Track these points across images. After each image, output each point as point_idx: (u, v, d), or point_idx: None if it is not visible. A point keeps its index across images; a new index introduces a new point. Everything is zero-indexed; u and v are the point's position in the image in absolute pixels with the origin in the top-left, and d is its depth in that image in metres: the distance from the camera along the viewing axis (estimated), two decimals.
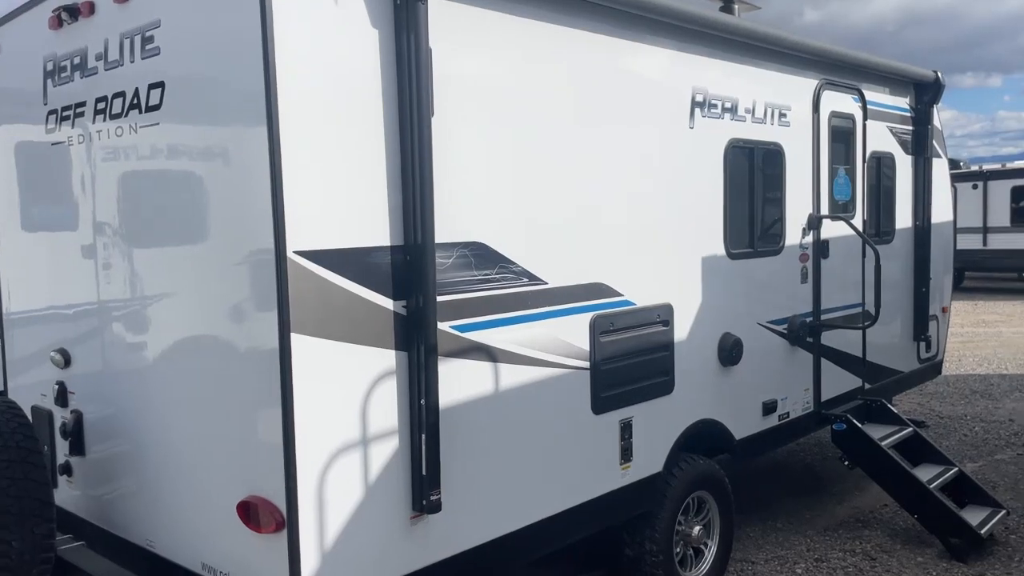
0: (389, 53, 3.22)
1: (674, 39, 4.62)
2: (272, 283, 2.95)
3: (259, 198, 2.94)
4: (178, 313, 3.49)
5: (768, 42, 5.21)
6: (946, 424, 8.77)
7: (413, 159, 3.23)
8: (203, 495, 3.43)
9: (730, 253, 5.04)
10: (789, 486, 6.87)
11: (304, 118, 2.98)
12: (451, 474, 3.45)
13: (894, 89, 6.74)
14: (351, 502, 3.18)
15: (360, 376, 3.19)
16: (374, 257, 3.21)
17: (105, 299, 3.83)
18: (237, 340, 3.22)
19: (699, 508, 4.91)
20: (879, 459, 5.67)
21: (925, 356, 7.29)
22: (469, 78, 3.56)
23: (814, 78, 5.71)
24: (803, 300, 5.69)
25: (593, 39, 4.14)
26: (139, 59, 3.40)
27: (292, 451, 2.97)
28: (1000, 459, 7.53)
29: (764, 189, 5.31)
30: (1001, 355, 12.67)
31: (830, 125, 5.83)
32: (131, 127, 3.49)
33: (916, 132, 6.98)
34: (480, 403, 3.64)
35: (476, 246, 3.61)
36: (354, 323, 3.15)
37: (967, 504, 5.82)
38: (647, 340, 4.48)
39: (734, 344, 5.03)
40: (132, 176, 3.63)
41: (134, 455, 3.76)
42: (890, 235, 6.71)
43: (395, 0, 3.22)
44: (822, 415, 5.87)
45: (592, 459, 4.22)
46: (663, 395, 4.59)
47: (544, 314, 3.93)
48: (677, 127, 4.67)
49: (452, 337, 3.50)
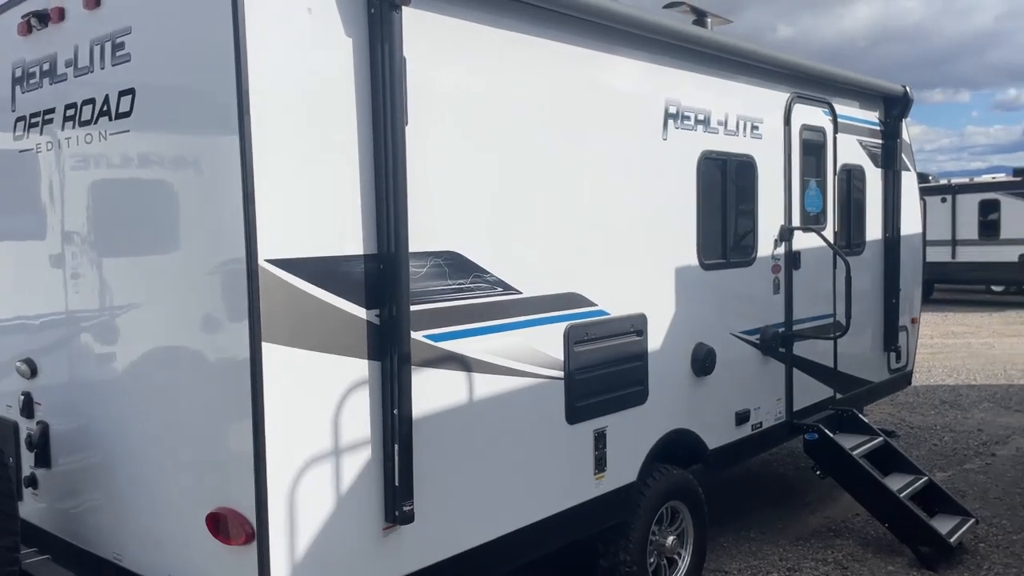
0: (363, 62, 3.21)
1: (648, 52, 4.66)
2: (243, 292, 2.92)
3: (230, 206, 2.92)
4: (148, 323, 3.44)
5: (740, 55, 5.27)
6: (916, 434, 8.88)
7: (387, 168, 3.23)
8: (172, 507, 3.38)
9: (703, 264, 5.07)
10: (763, 496, 6.91)
11: (276, 126, 2.97)
12: (424, 485, 3.43)
13: (864, 103, 6.84)
14: (322, 513, 3.14)
15: (332, 386, 3.17)
16: (347, 266, 3.19)
17: (73, 309, 3.78)
18: (208, 350, 3.19)
19: (673, 518, 4.92)
20: (850, 469, 5.72)
21: (895, 366, 7.38)
22: (444, 88, 3.57)
23: (785, 91, 5.79)
24: (775, 311, 5.75)
25: (568, 51, 4.16)
26: (109, 66, 3.37)
27: (262, 462, 2.93)
28: (969, 468, 7.63)
29: (737, 201, 5.36)
30: (970, 366, 12.86)
31: (801, 138, 5.91)
32: (100, 134, 3.45)
33: (885, 145, 7.08)
34: (454, 413, 3.63)
35: (450, 255, 3.60)
36: (326, 332, 3.13)
37: (937, 513, 5.89)
38: (621, 350, 4.50)
39: (707, 354, 5.06)
40: (101, 184, 3.58)
41: (102, 467, 3.69)
42: (860, 247, 6.80)
43: (369, 9, 3.22)
44: (794, 425, 5.92)
45: (566, 469, 4.21)
46: (637, 405, 4.60)
47: (518, 324, 3.93)
48: (650, 139, 4.70)
49: (426, 347, 3.49)
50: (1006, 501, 6.69)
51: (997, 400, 10.47)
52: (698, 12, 5.60)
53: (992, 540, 5.89)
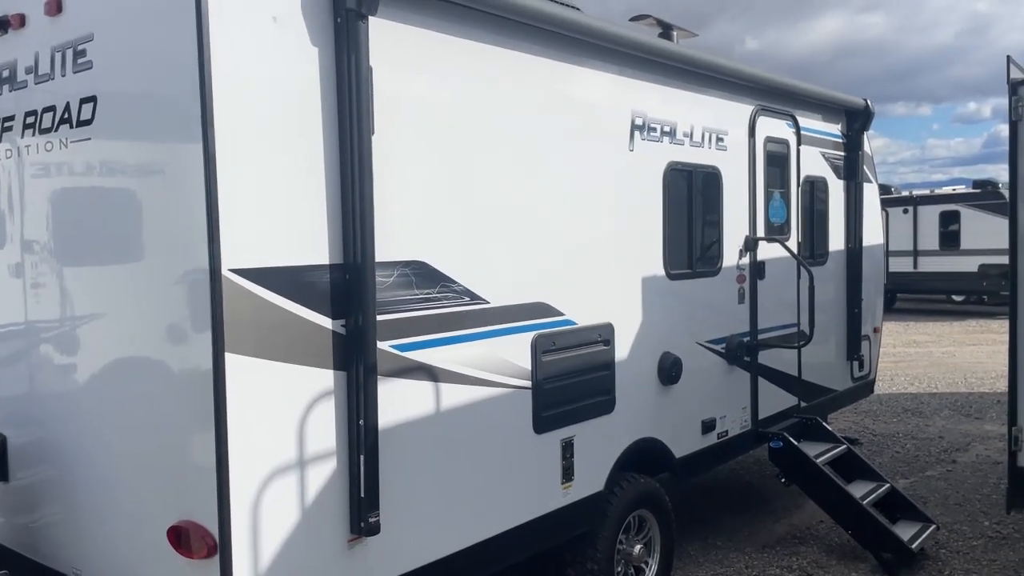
0: (329, 71, 3.21)
1: (615, 64, 4.70)
2: (206, 302, 2.89)
3: (194, 215, 2.89)
4: (110, 333, 3.39)
5: (706, 68, 5.34)
6: (879, 441, 9.01)
7: (353, 177, 3.22)
8: (133, 521, 3.33)
9: (669, 274, 5.12)
10: (729, 504, 6.96)
11: (241, 135, 2.95)
12: (390, 495, 3.41)
13: (826, 116, 6.96)
14: (287, 525, 3.12)
15: (297, 397, 3.15)
16: (312, 276, 3.18)
17: (33, 319, 3.71)
18: (170, 360, 3.15)
19: (640, 527, 4.94)
20: (814, 476, 5.79)
21: (858, 375, 7.50)
22: (411, 97, 3.57)
23: (750, 104, 5.87)
24: (740, 320, 5.81)
25: (536, 62, 4.19)
26: (71, 73, 3.33)
27: (225, 474, 2.90)
28: (931, 475, 7.76)
29: (702, 211, 5.43)
30: (931, 374, 13.09)
31: (765, 150, 6.00)
32: (61, 142, 3.40)
33: (847, 158, 7.21)
34: (421, 423, 3.62)
35: (417, 265, 3.60)
36: (291, 343, 3.11)
37: (899, 519, 5.98)
38: (588, 359, 4.52)
39: (674, 363, 5.11)
40: (62, 193, 3.53)
41: (61, 481, 3.62)
42: (824, 257, 6.90)
43: (336, 19, 3.22)
44: (760, 433, 5.98)
45: (534, 479, 4.22)
46: (604, 414, 4.62)
47: (486, 333, 3.94)
48: (617, 150, 4.75)
49: (392, 356, 3.48)
50: (966, 507, 6.82)
51: (958, 408, 10.66)
52: (664, 25, 5.67)
53: (952, 546, 5.99)
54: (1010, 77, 4.82)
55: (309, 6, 3.15)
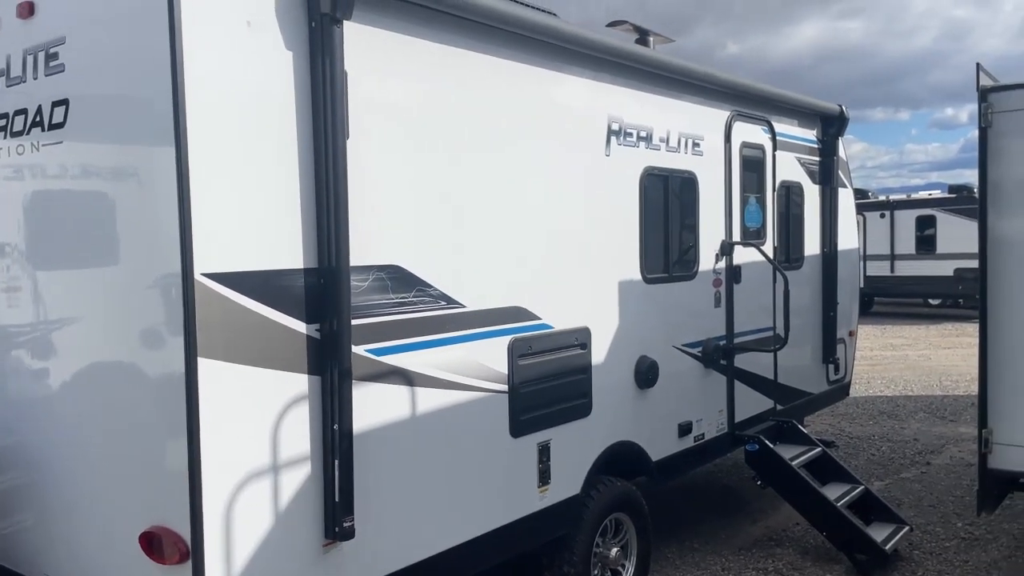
0: (304, 76, 3.21)
1: (591, 69, 4.73)
2: (179, 306, 2.88)
3: (166, 219, 2.88)
4: (83, 338, 3.37)
5: (681, 74, 5.38)
6: (855, 444, 9.10)
7: (327, 181, 3.22)
8: (106, 527, 3.30)
9: (646, 278, 5.15)
10: (706, 506, 7.01)
11: (214, 138, 2.94)
12: (365, 500, 3.41)
13: (802, 121, 7.04)
14: (260, 530, 3.10)
15: (271, 401, 3.14)
16: (286, 280, 3.17)
17: (5, 323, 3.67)
18: (143, 365, 3.13)
19: (617, 530, 4.96)
20: (789, 479, 5.84)
21: (834, 378, 7.57)
22: (386, 102, 3.58)
23: (726, 109, 5.93)
24: (717, 324, 5.86)
25: (513, 67, 4.21)
26: (43, 76, 3.31)
27: (197, 479, 2.89)
28: (905, 477, 7.84)
29: (679, 216, 5.46)
30: (907, 377, 13.24)
31: (741, 155, 6.05)
32: (33, 145, 3.38)
33: (823, 163, 7.29)
34: (396, 427, 3.62)
35: (393, 269, 3.60)
36: (265, 347, 3.10)
37: (873, 521, 6.04)
38: (565, 363, 4.54)
39: (650, 367, 5.13)
40: (35, 196, 3.50)
41: (34, 487, 3.59)
42: (799, 261, 6.97)
43: (310, 23, 3.22)
44: (736, 436, 6.03)
45: (510, 482, 4.23)
46: (581, 417, 4.64)
47: (462, 337, 3.94)
48: (594, 155, 4.77)
49: (367, 361, 3.48)
50: (939, 509, 6.90)
51: (933, 410, 10.79)
52: (641, 31, 5.71)
53: (926, 547, 6.06)
54: (979, 84, 4.90)
55: (283, 10, 3.15)
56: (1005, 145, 4.86)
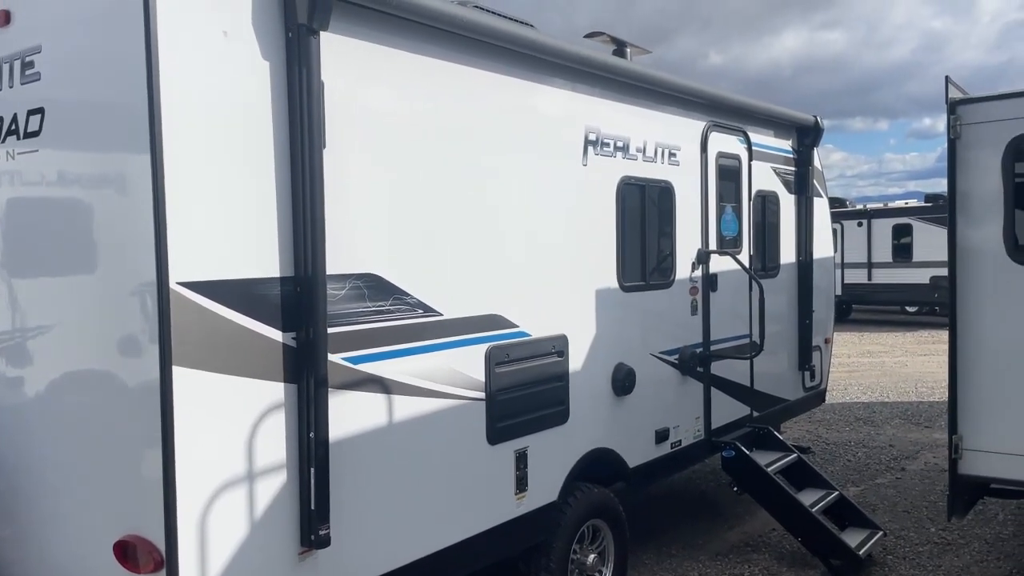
0: (280, 85, 3.23)
1: (569, 80, 4.78)
2: (154, 315, 2.89)
3: (141, 227, 2.89)
4: (58, 346, 3.36)
5: (658, 85, 5.45)
6: (832, 450, 9.19)
7: (304, 190, 3.24)
8: (81, 536, 3.29)
9: (623, 286, 5.20)
10: (684, 513, 7.05)
11: (190, 147, 2.96)
12: (341, 508, 3.42)
13: (778, 132, 7.12)
14: (236, 538, 3.11)
15: (246, 410, 3.15)
16: (262, 288, 3.19)
17: None
18: (118, 373, 3.13)
19: (594, 536, 4.99)
20: (765, 485, 5.90)
21: (810, 385, 7.65)
22: (363, 112, 3.60)
23: (702, 120, 6.00)
24: (693, 331, 5.91)
25: (490, 78, 4.25)
26: (18, 84, 3.30)
27: (172, 487, 2.89)
28: (880, 483, 7.93)
29: (656, 225, 5.52)
30: (883, 384, 13.38)
31: (717, 165, 6.12)
32: (8, 154, 3.37)
33: (798, 173, 7.39)
34: (373, 435, 3.63)
35: (370, 277, 3.62)
36: (241, 356, 3.11)
37: (847, 527, 6.11)
38: (542, 371, 4.57)
39: (627, 374, 5.18)
40: (11, 204, 3.49)
41: (8, 496, 3.56)
42: (775, 270, 7.05)
43: (287, 33, 3.24)
44: (712, 443, 6.08)
45: (487, 489, 4.25)
46: (558, 425, 4.67)
47: (439, 345, 3.97)
48: (571, 164, 4.82)
49: (344, 369, 3.49)
50: (913, 514, 6.98)
51: (908, 417, 10.92)
52: (618, 42, 5.77)
53: (899, 552, 6.14)
54: (948, 97, 4.99)
55: (260, 21, 3.17)
56: (973, 157, 4.95)
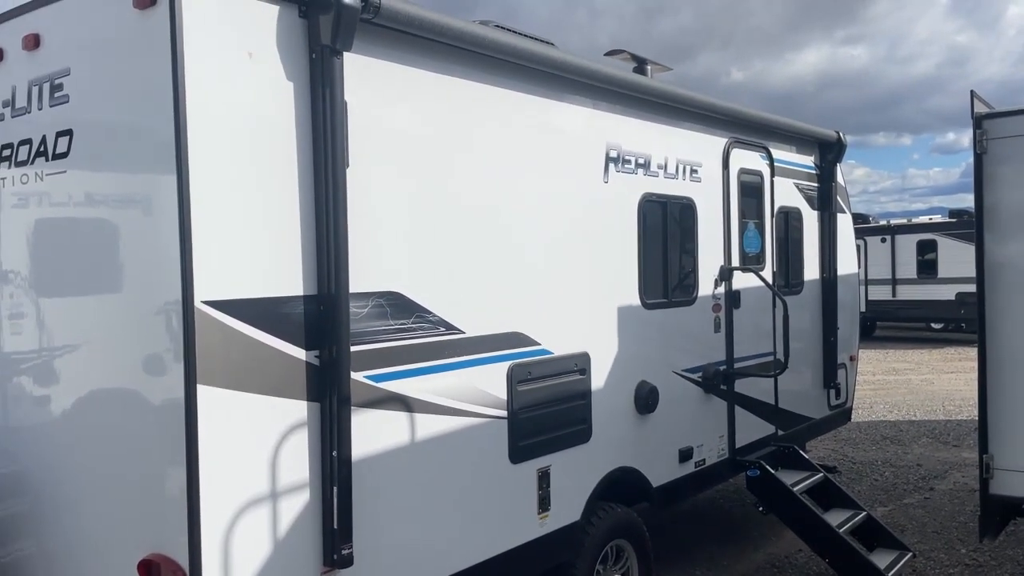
0: (304, 106, 3.26)
1: (589, 97, 4.79)
2: (179, 334, 2.91)
3: (167, 247, 2.91)
4: (84, 365, 3.38)
5: (679, 102, 5.44)
6: (858, 469, 9.05)
7: (327, 209, 3.25)
8: (104, 555, 3.30)
9: (645, 303, 5.17)
10: (708, 532, 6.97)
11: (215, 167, 2.98)
12: (364, 527, 3.40)
13: (800, 148, 7.09)
14: (259, 558, 3.10)
15: (270, 428, 3.15)
16: (286, 307, 3.20)
17: (6, 351, 3.69)
18: (143, 392, 3.14)
19: (618, 557, 4.93)
20: (791, 505, 5.81)
21: (835, 403, 7.55)
22: (387, 131, 3.62)
23: (723, 136, 5.98)
24: (716, 349, 5.86)
25: (510, 96, 4.26)
26: (47, 107, 3.36)
27: (196, 506, 2.89)
28: (908, 503, 7.80)
29: (677, 242, 5.49)
30: (910, 402, 13.19)
31: (739, 181, 6.09)
32: (37, 175, 3.42)
33: (821, 189, 7.33)
34: (395, 454, 3.62)
35: (392, 295, 3.63)
36: (265, 374, 3.12)
37: (876, 547, 6.00)
38: (564, 389, 4.54)
39: (650, 392, 5.14)
40: (39, 224, 3.54)
41: (34, 514, 3.59)
42: (799, 286, 6.99)
43: (311, 54, 3.27)
44: (737, 462, 6.01)
45: (510, 509, 4.22)
46: (581, 443, 4.63)
47: (461, 363, 3.96)
48: (592, 181, 4.81)
49: (366, 387, 3.49)
50: (943, 535, 6.85)
51: (936, 435, 10.74)
52: (639, 60, 5.78)
53: (929, 574, 6.02)
54: (974, 111, 4.94)
55: (284, 42, 3.20)
56: (1000, 171, 4.90)
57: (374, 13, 3.38)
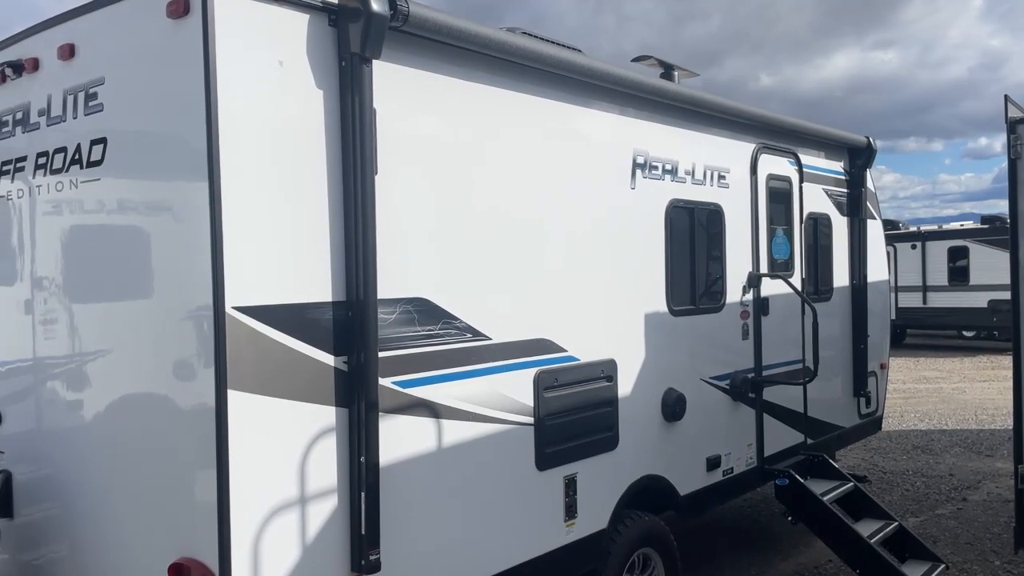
0: (334, 113, 3.28)
1: (616, 104, 4.77)
2: (210, 339, 2.93)
3: (199, 254, 2.94)
4: (115, 370, 3.43)
5: (706, 107, 5.41)
6: (889, 479, 8.92)
7: (356, 216, 3.27)
8: (135, 558, 3.33)
9: (672, 310, 5.14)
10: (736, 542, 6.90)
11: (246, 175, 3.01)
12: (391, 533, 3.41)
13: (829, 153, 7.02)
14: (288, 563, 3.11)
15: (299, 433, 3.17)
16: (315, 313, 3.22)
17: (40, 356, 3.75)
18: (174, 397, 3.18)
19: (644, 565, 4.90)
20: (821, 514, 5.73)
21: (865, 412, 7.45)
22: (415, 137, 3.64)
23: (751, 142, 5.93)
24: (745, 356, 5.81)
25: (537, 103, 4.26)
26: (82, 115, 3.41)
27: (226, 511, 2.91)
28: (941, 513, 7.67)
29: (705, 248, 5.46)
30: (941, 411, 12.98)
31: (767, 187, 6.04)
32: (72, 182, 3.47)
33: (851, 194, 7.25)
34: (422, 460, 3.63)
35: (419, 302, 3.64)
36: (294, 380, 3.14)
37: (908, 559, 5.90)
38: (591, 396, 4.52)
39: (677, 400, 5.10)
40: (72, 231, 3.59)
41: (66, 517, 3.63)
42: (828, 293, 6.91)
43: (340, 63, 3.30)
44: (765, 470, 5.94)
45: (536, 516, 4.20)
46: (607, 451, 4.61)
47: (488, 369, 3.95)
48: (619, 188, 4.80)
49: (394, 393, 3.50)
50: (977, 547, 6.73)
51: (968, 445, 10.56)
52: (665, 65, 5.76)
53: None
54: (1008, 116, 4.86)
55: (314, 50, 3.23)
56: None
57: (403, 21, 3.40)
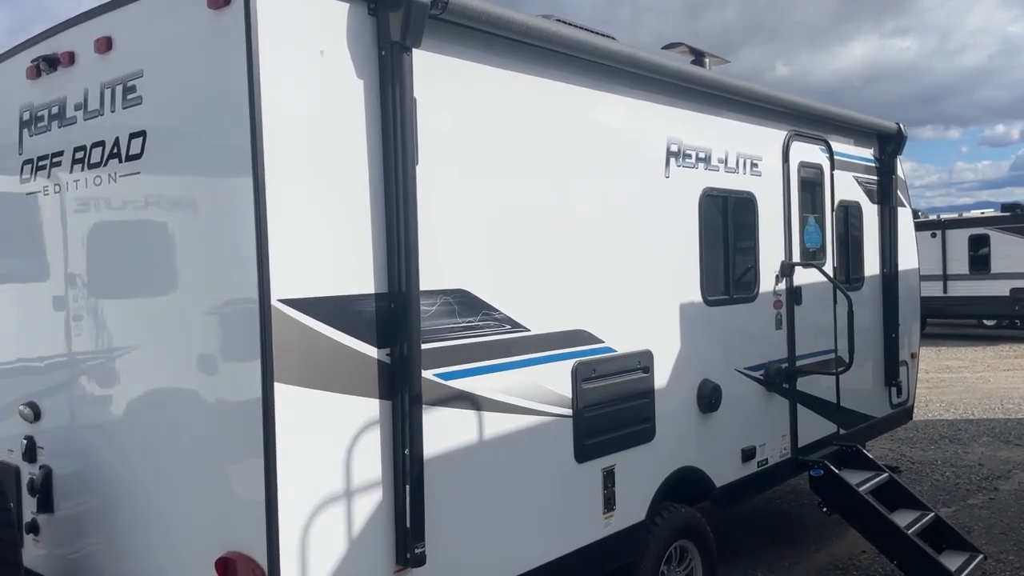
0: (374, 103, 3.24)
1: (650, 92, 4.72)
2: (255, 332, 2.91)
3: (243, 247, 2.91)
4: (155, 364, 3.41)
5: (739, 94, 5.34)
6: (918, 469, 8.84)
7: (398, 207, 3.24)
8: (178, 552, 3.32)
9: (707, 300, 5.08)
10: (769, 534, 6.84)
11: (289, 167, 2.98)
12: (435, 526, 3.38)
13: (859, 140, 6.93)
14: (334, 557, 3.09)
15: (344, 426, 3.14)
16: (358, 305, 3.19)
17: (78, 351, 3.75)
18: (218, 391, 3.16)
19: (681, 557, 4.86)
20: (857, 505, 5.67)
21: (896, 401, 7.38)
22: (454, 128, 3.60)
23: (783, 129, 5.86)
24: (778, 346, 5.75)
25: (574, 91, 4.21)
26: (120, 109, 3.39)
27: (274, 505, 2.89)
28: (973, 504, 7.58)
29: (738, 237, 5.39)
30: (967, 400, 12.86)
31: (799, 175, 5.97)
32: (110, 176, 3.46)
33: (881, 182, 7.16)
34: (464, 452, 3.60)
35: (459, 293, 3.60)
36: (338, 372, 3.11)
37: (944, 549, 5.83)
38: (628, 387, 4.48)
39: (713, 391, 5.05)
40: (110, 226, 3.58)
41: (105, 511, 3.63)
42: (859, 282, 6.83)
43: (380, 51, 3.26)
44: (799, 461, 5.89)
45: (575, 508, 4.17)
46: (645, 442, 4.57)
47: (527, 361, 3.92)
48: (653, 176, 4.74)
49: (436, 385, 3.47)
50: (1011, 536, 6.65)
51: (996, 434, 10.45)
52: (696, 52, 5.69)
53: None
54: None
55: (355, 39, 3.19)
56: None
57: (442, 9, 3.35)
